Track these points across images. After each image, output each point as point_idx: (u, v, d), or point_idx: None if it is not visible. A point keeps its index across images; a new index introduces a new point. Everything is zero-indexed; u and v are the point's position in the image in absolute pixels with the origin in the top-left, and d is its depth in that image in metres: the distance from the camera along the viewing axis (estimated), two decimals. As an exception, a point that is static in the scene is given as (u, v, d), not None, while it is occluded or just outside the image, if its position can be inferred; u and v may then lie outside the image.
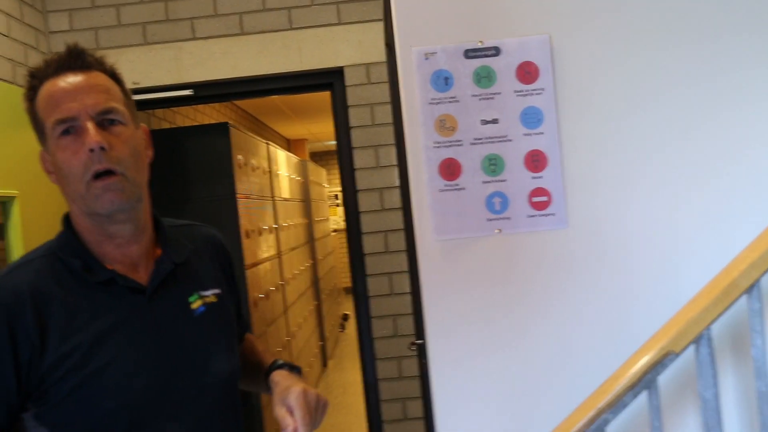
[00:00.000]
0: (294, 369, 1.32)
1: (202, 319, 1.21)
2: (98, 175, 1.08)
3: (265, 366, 1.35)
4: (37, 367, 1.07)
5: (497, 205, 1.61)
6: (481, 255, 1.66)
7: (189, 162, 3.79)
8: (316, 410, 1.19)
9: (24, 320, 1.06)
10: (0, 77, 2.74)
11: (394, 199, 3.11)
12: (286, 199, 5.47)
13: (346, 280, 11.16)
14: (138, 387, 1.11)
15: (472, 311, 1.69)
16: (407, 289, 3.10)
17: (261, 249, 4.30)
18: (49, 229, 2.73)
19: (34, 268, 1.12)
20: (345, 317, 9.00)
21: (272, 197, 4.89)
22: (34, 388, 1.08)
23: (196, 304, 1.21)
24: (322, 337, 6.78)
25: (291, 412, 1.14)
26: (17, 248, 2.50)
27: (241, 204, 3.88)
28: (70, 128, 1.08)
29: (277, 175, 5.19)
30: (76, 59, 1.12)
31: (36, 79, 1.14)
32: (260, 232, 4.32)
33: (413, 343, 2.76)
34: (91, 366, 1.08)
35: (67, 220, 1.22)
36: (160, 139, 3.78)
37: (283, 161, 5.57)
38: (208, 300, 1.24)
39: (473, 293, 1.69)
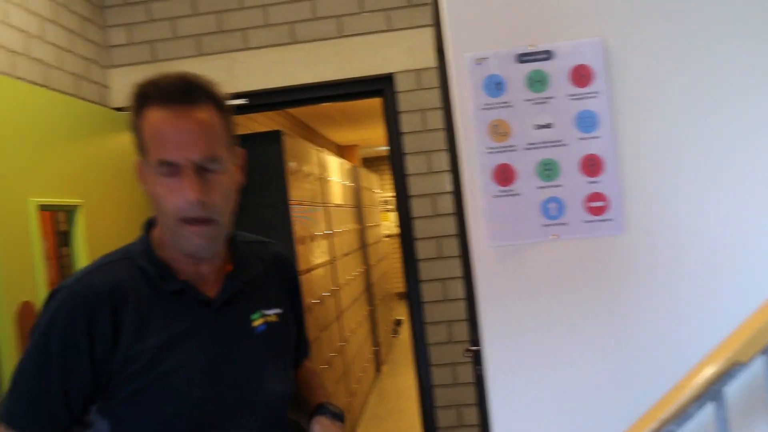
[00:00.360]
0: (337, 417, 1.35)
1: (261, 338, 1.24)
2: (191, 219, 1.12)
3: (312, 405, 1.38)
4: (108, 363, 1.12)
5: (553, 210, 1.58)
6: (536, 261, 1.63)
7: (242, 170, 3.84)
8: None
9: (101, 318, 1.11)
10: (64, 91, 2.84)
11: (447, 204, 3.09)
12: (338, 205, 5.50)
13: (398, 286, 11.15)
14: (197, 396, 1.14)
15: (528, 318, 1.66)
16: (461, 294, 3.08)
17: (314, 255, 4.34)
18: (112, 237, 2.82)
19: (112, 270, 1.17)
20: (398, 322, 9.00)
21: (324, 203, 4.92)
22: (104, 383, 1.13)
23: (257, 321, 1.24)
24: (375, 342, 6.79)
25: None
26: (82, 255, 2.58)
27: (294, 211, 3.92)
28: (173, 170, 1.11)
29: (329, 182, 5.23)
30: (186, 93, 1.14)
31: (143, 97, 1.15)
32: (313, 239, 4.36)
33: (468, 350, 2.73)
34: (156, 371, 1.12)
35: (149, 226, 1.25)
36: (215, 148, 3.86)
37: (335, 167, 5.60)
38: (269, 319, 1.26)
39: (529, 300, 1.66)
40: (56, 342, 1.11)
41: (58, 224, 2.75)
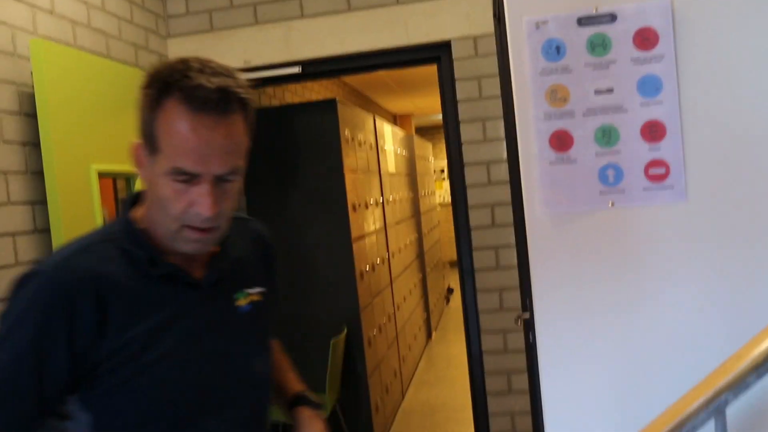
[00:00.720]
0: (318, 408, 1.37)
1: (246, 318, 1.21)
2: (197, 228, 1.08)
3: (289, 390, 1.38)
4: (93, 353, 1.05)
5: (611, 177, 1.56)
6: (592, 229, 1.62)
7: (297, 138, 3.89)
8: None
9: (85, 308, 1.04)
10: (124, 60, 2.91)
11: (502, 172, 3.07)
12: (392, 174, 5.52)
13: (451, 254, 11.15)
14: (186, 382, 1.11)
15: (581, 287, 1.66)
16: (513, 263, 3.07)
17: (367, 222, 4.37)
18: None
19: (96, 254, 1.09)
20: (450, 290, 9.02)
21: (379, 172, 4.94)
22: (87, 373, 1.06)
23: (242, 301, 1.21)
24: (426, 310, 6.83)
25: None
26: (143, 220, 2.67)
27: (348, 178, 3.95)
28: (189, 178, 1.04)
29: (384, 150, 5.24)
30: (223, 103, 1.03)
31: (168, 87, 1.03)
32: (367, 206, 4.39)
33: (519, 317, 2.74)
34: (146, 357, 1.07)
35: (129, 205, 1.18)
36: (270, 116, 3.92)
37: (390, 136, 5.61)
38: (253, 298, 1.23)
39: (583, 268, 1.65)
40: (31, 333, 1.03)
41: (117, 191, 2.84)
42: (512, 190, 2.60)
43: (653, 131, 1.54)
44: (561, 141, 1.58)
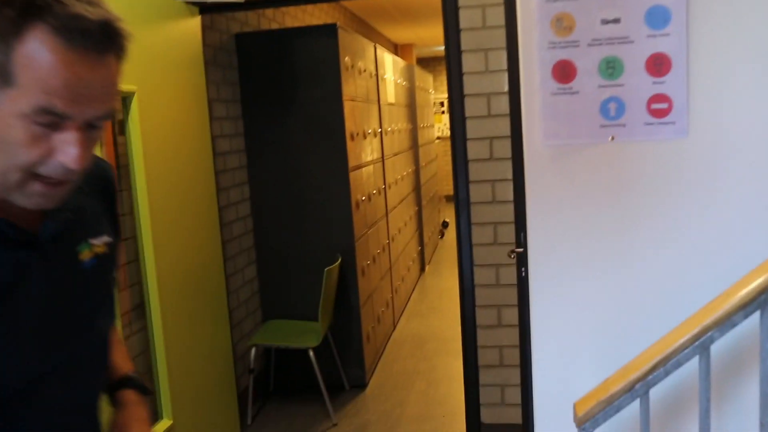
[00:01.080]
0: (145, 392, 1.21)
1: (90, 274, 1.05)
2: (48, 178, 0.89)
3: (116, 371, 1.22)
4: None
5: (612, 110, 1.53)
6: (591, 163, 1.60)
7: (296, 63, 3.82)
8: None
9: None
10: (119, -27, 2.81)
11: (502, 105, 3.02)
12: (391, 104, 5.45)
13: (447, 188, 11.15)
14: (33, 348, 0.97)
15: (577, 221, 1.65)
16: (510, 197, 3.06)
17: (365, 152, 4.34)
18: (164, 126, 2.85)
19: None
20: (444, 224, 9.06)
21: (378, 101, 4.87)
22: None
23: (85, 255, 1.04)
24: (421, 243, 6.87)
25: None
26: (136, 143, 2.63)
27: (347, 107, 3.89)
28: (54, 121, 0.86)
29: (384, 79, 5.15)
30: (106, 40, 0.88)
31: (37, 9, 0.84)
32: (365, 136, 4.35)
33: (513, 251, 2.75)
34: None
35: None
36: (269, 40, 3.83)
37: (390, 65, 5.51)
38: (98, 250, 1.07)
39: (580, 202, 1.64)
40: None
41: (114, 112, 2.80)
42: (512, 123, 2.56)
43: (658, 65, 1.50)
44: (564, 72, 1.54)
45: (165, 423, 2.76)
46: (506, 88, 3.00)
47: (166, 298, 2.78)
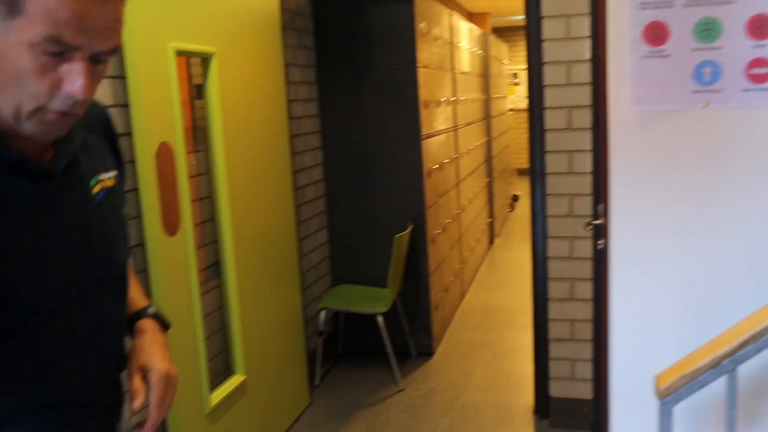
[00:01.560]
0: (164, 324, 1.25)
1: (102, 205, 1.11)
2: (56, 111, 0.94)
3: (135, 303, 1.26)
4: None
5: (707, 75, 1.46)
6: (681, 130, 1.53)
7: (372, 28, 3.79)
8: (169, 391, 1.16)
9: None
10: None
11: (582, 73, 2.93)
12: (465, 73, 5.37)
13: (519, 161, 10.96)
14: (54, 276, 1.02)
15: (664, 190, 1.59)
16: (587, 169, 2.98)
17: (438, 121, 4.30)
18: (242, 87, 2.89)
19: None
20: (515, 198, 8.94)
21: (452, 69, 4.81)
22: None
23: (96, 188, 1.10)
24: (491, 215, 6.80)
25: (146, 381, 1.14)
26: (215, 104, 2.68)
27: (422, 74, 3.86)
28: (62, 51, 0.89)
29: (458, 47, 5.08)
30: None
31: None
32: (438, 104, 4.31)
33: (589, 223, 2.68)
34: (6, 261, 0.96)
35: None
36: (345, 4, 3.81)
37: (465, 33, 5.42)
38: (106, 184, 1.13)
39: (667, 172, 1.58)
40: None
41: (192, 78, 2.85)
42: (594, 89, 2.48)
43: (760, 27, 1.41)
44: (655, 34, 1.47)
45: (238, 378, 2.85)
46: (587, 56, 2.91)
47: (241, 258, 2.85)
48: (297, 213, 3.59)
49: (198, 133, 2.85)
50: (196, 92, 2.87)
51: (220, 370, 2.90)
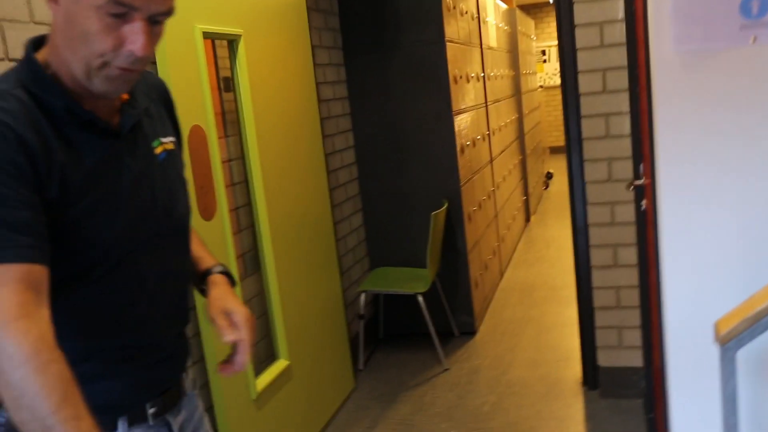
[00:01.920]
0: (232, 281, 1.34)
1: (164, 165, 1.22)
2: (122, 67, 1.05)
3: (202, 262, 1.35)
4: (47, 191, 1.02)
5: (755, 8, 1.38)
6: (728, 70, 1.46)
7: (397, 6, 3.74)
8: (252, 331, 1.24)
9: (31, 143, 1.00)
10: None
11: (616, 34, 2.84)
12: (493, 48, 5.28)
13: (551, 139, 10.81)
14: (125, 224, 1.12)
15: (712, 141, 1.51)
16: (624, 131, 2.90)
17: (468, 97, 4.23)
18: (270, 70, 2.86)
19: (16, 99, 1.03)
20: (549, 175, 8.81)
21: (480, 45, 4.73)
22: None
23: (158, 149, 1.21)
24: (525, 192, 6.71)
25: (232, 323, 1.21)
26: (245, 87, 2.66)
27: (450, 49, 3.79)
28: (124, 12, 1.01)
29: (486, 22, 4.99)
30: None
31: None
32: (468, 80, 4.24)
33: (632, 184, 2.60)
34: (82, 204, 1.06)
35: (33, 48, 1.10)
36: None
37: (492, 8, 5.33)
38: (167, 147, 1.24)
39: (716, 118, 1.51)
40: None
41: (218, 70, 2.83)
42: (627, 36, 2.39)
43: (810, -48, 1.33)
44: (697, -31, 1.40)
45: (282, 363, 2.84)
46: (620, 16, 2.82)
47: (278, 243, 2.83)
48: (331, 197, 3.57)
49: (227, 119, 2.84)
50: (224, 85, 2.85)
51: (264, 356, 2.90)
